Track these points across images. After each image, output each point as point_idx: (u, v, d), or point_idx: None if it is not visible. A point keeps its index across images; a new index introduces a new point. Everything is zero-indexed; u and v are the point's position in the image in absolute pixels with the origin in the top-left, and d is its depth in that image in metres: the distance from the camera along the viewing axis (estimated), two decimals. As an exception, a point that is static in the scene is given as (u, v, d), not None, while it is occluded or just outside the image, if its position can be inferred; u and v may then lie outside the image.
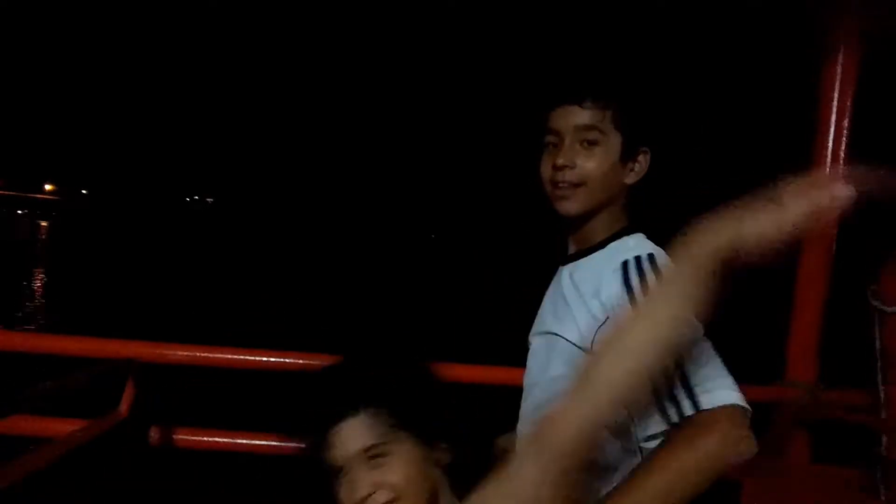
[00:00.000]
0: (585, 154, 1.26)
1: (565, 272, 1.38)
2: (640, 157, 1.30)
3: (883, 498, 1.87)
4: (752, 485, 1.92)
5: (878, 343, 1.96)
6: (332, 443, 1.05)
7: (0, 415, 1.25)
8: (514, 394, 1.45)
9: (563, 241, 1.42)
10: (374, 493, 1.03)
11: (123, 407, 1.66)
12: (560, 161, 1.27)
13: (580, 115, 1.26)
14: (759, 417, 1.96)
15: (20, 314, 12.06)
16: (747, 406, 1.07)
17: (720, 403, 1.06)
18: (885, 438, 1.91)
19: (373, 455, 1.04)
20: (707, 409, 1.06)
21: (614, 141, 1.26)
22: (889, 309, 1.92)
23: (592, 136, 1.26)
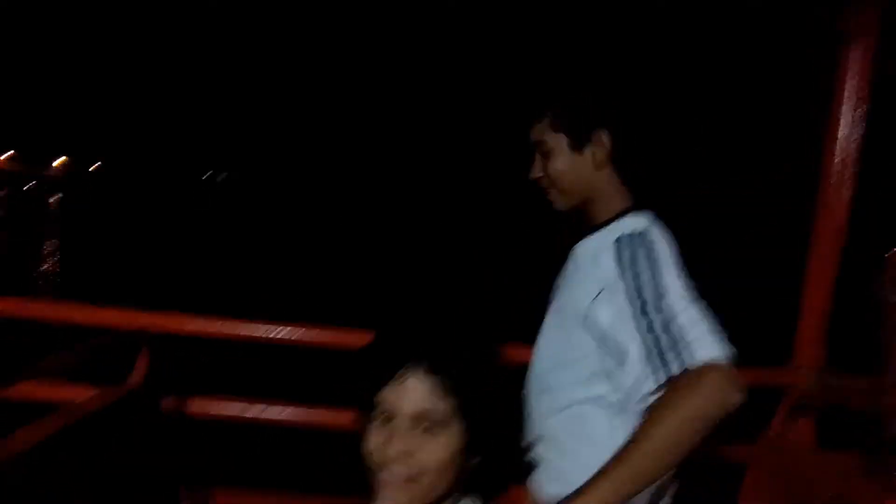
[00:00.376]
0: (546, 162, 1.43)
1: (574, 250, 1.47)
2: (598, 139, 1.39)
3: (886, 481, 1.89)
4: (757, 468, 1.94)
5: (883, 328, 1.97)
6: (394, 386, 1.04)
7: (15, 380, 1.27)
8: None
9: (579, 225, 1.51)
10: (404, 458, 1.03)
11: (136, 376, 1.69)
12: (531, 175, 1.48)
13: (533, 133, 1.45)
14: (766, 401, 1.99)
15: (41, 282, 12.24)
16: (732, 360, 1.12)
17: (709, 358, 1.10)
18: (889, 423, 1.92)
19: (426, 425, 1.04)
20: (697, 365, 1.11)
21: (560, 142, 1.41)
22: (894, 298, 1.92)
23: (544, 147, 1.43)
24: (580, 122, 1.40)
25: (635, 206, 1.42)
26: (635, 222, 1.35)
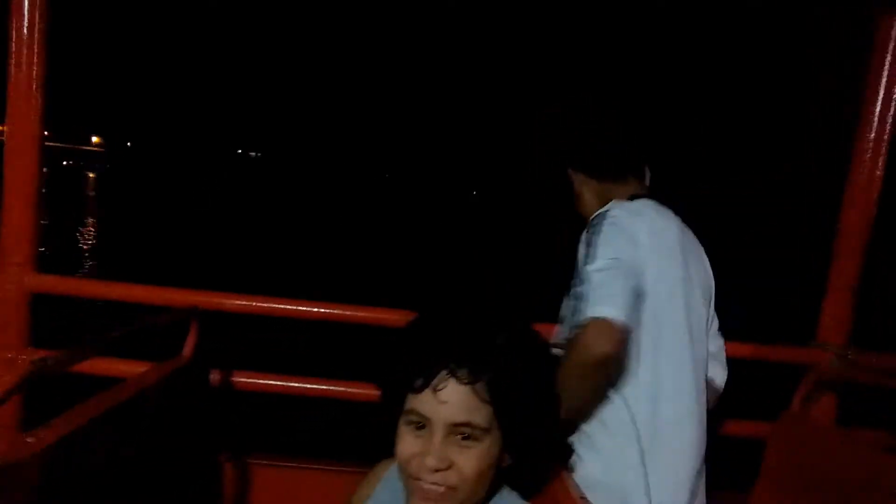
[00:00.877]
0: None
1: None
2: (571, 178, 1.61)
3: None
4: (777, 444, 1.96)
5: None
6: (431, 394, 1.00)
7: (83, 357, 1.36)
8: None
9: None
10: (444, 469, 1.00)
11: (187, 351, 1.77)
12: None
13: None
14: (790, 378, 2.02)
15: (82, 259, 12.57)
16: (617, 318, 1.26)
17: (592, 315, 1.26)
18: None
19: (465, 434, 1.00)
20: (584, 321, 1.27)
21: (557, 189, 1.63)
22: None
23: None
24: (554, 179, 1.63)
25: (630, 198, 1.55)
26: (609, 206, 1.50)
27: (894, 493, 1.51)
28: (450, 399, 1.00)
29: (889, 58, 2.08)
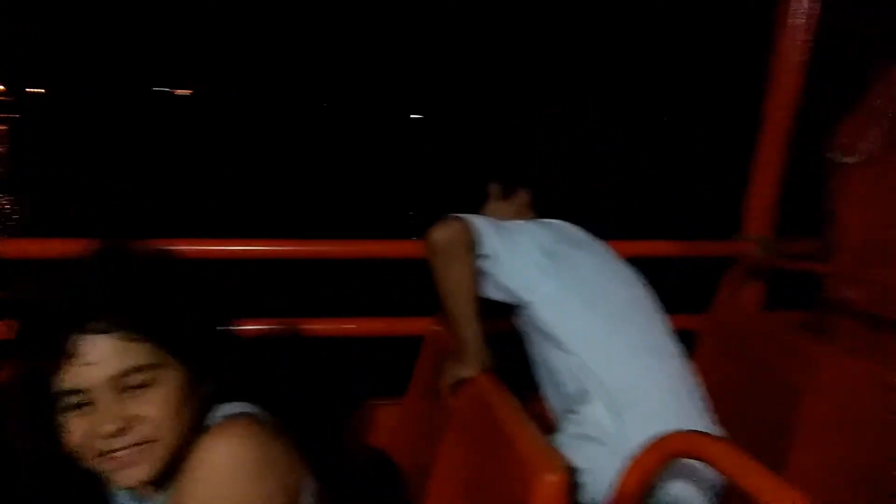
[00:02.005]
0: None
1: None
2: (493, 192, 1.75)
3: (825, 336, 2.01)
4: (707, 335, 2.05)
5: (829, 193, 1.97)
6: (73, 364, 0.86)
7: None
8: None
9: None
10: (124, 428, 0.87)
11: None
12: None
13: None
14: (719, 270, 2.10)
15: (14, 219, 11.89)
16: (459, 218, 1.46)
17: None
18: (828, 282, 1.97)
19: (134, 383, 0.88)
20: None
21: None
22: (842, 160, 1.92)
23: None
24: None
25: None
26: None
27: (811, 365, 1.63)
28: (97, 357, 0.87)
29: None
